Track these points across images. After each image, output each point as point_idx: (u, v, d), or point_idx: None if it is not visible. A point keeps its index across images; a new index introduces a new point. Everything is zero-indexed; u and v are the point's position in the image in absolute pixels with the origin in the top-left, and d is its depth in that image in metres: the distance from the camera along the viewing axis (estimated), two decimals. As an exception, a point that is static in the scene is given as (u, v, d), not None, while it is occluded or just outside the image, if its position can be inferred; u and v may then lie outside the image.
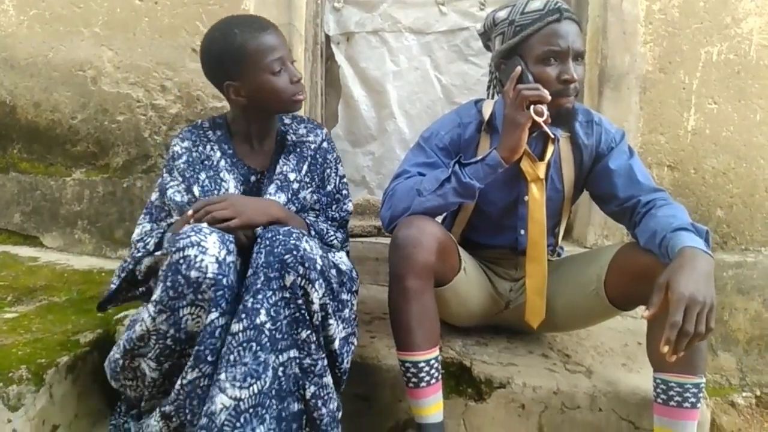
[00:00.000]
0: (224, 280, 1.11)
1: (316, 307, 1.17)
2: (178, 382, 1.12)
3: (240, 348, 1.11)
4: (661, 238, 1.21)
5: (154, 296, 1.12)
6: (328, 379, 1.21)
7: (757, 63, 2.00)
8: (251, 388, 1.10)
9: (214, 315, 1.11)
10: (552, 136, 1.36)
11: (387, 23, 2.31)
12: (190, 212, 1.21)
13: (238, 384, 1.09)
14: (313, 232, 1.38)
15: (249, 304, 1.13)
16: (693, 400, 1.20)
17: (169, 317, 1.11)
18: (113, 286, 1.33)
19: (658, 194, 1.37)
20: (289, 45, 2.06)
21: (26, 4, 2.24)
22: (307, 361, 1.18)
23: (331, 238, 1.45)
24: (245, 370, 1.10)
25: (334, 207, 1.51)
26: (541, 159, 1.43)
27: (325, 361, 1.22)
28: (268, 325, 1.13)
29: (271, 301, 1.14)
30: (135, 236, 1.37)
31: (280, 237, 1.17)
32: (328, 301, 1.20)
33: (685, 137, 2.04)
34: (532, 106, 1.26)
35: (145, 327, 1.14)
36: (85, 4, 2.19)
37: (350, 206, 1.55)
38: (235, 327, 1.12)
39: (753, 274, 2.05)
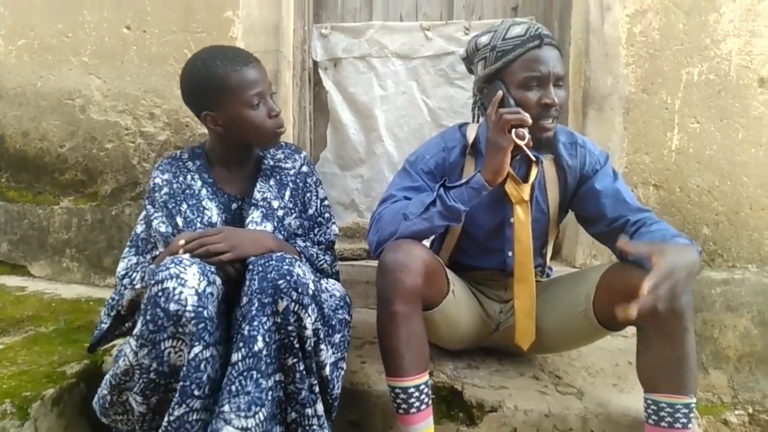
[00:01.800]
0: (204, 312, 1.10)
1: (309, 332, 1.17)
2: (165, 418, 1.11)
3: (241, 378, 1.10)
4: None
5: (136, 330, 1.11)
6: (313, 410, 1.19)
7: (737, 83, 2.04)
8: (257, 416, 1.10)
9: (197, 348, 1.09)
10: (533, 159, 1.37)
11: (374, 49, 2.34)
12: (181, 242, 1.20)
13: (243, 414, 1.08)
14: (303, 258, 1.38)
15: (246, 332, 1.12)
16: (684, 420, 1.20)
17: (151, 351, 1.10)
18: (104, 326, 1.32)
19: (646, 214, 1.39)
20: (277, 71, 2.09)
21: (15, 34, 2.26)
22: (291, 387, 1.17)
23: (321, 262, 1.46)
24: (249, 399, 1.10)
25: (317, 230, 1.51)
26: (526, 181, 1.45)
27: (316, 388, 1.21)
28: (264, 351, 1.12)
29: (265, 327, 1.13)
30: (120, 270, 1.36)
31: (273, 263, 1.17)
32: (320, 326, 1.20)
33: (669, 156, 2.06)
34: (513, 130, 1.28)
35: (128, 361, 1.13)
36: (73, 34, 2.21)
37: (335, 228, 1.55)
38: (235, 357, 1.11)
39: (741, 291, 2.06)
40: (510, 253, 1.49)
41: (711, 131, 2.05)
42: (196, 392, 1.10)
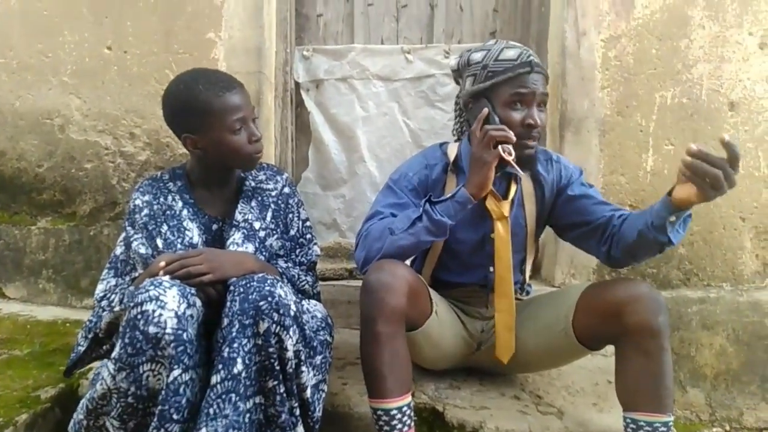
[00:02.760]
0: (184, 335, 1.09)
1: (290, 354, 1.16)
2: None
3: (219, 400, 1.09)
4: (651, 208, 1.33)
5: (114, 353, 1.10)
6: None
7: (708, 106, 2.10)
8: None
9: (176, 372, 1.08)
10: (521, 174, 1.41)
11: (355, 71, 2.37)
12: (161, 264, 1.19)
13: None
14: (285, 279, 1.38)
15: (225, 354, 1.11)
16: (662, 438, 1.21)
17: (129, 375, 1.09)
18: (81, 349, 1.30)
19: (626, 211, 1.45)
20: (259, 92, 2.11)
21: (-7, 54, 2.24)
22: (271, 410, 1.16)
23: (303, 282, 1.46)
24: (227, 423, 1.09)
25: (298, 251, 1.51)
26: (505, 197, 1.48)
27: (297, 411, 1.20)
28: (243, 374, 1.12)
29: (246, 349, 1.12)
30: (98, 292, 1.35)
31: (255, 284, 1.17)
32: (301, 348, 1.19)
33: (644, 178, 2.11)
34: (500, 146, 1.31)
35: (106, 385, 1.11)
36: (53, 54, 2.20)
37: (317, 249, 1.55)
38: (214, 379, 1.10)
39: (716, 309, 2.10)
40: (491, 269, 1.52)
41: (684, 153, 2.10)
42: (174, 416, 1.08)
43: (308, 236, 1.54)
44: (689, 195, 1.20)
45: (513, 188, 1.49)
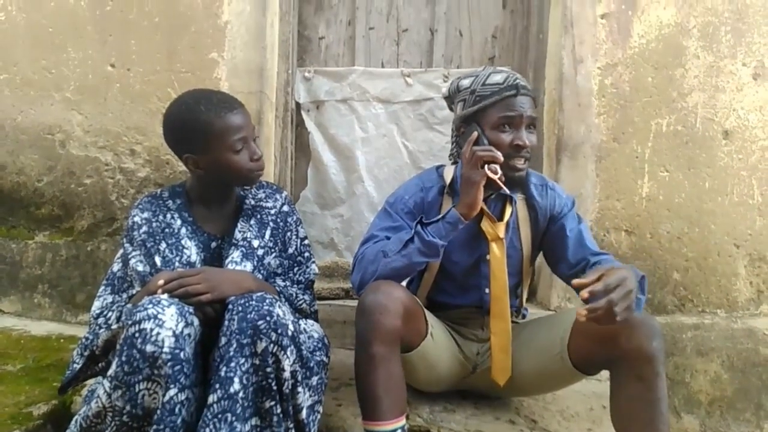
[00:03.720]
0: (181, 354, 1.09)
1: (287, 374, 1.16)
2: None
3: (215, 420, 1.09)
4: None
5: (110, 371, 1.10)
6: None
7: (703, 134, 2.13)
8: None
9: (172, 391, 1.08)
10: (507, 192, 1.43)
11: (356, 93, 2.40)
12: (160, 282, 1.20)
13: None
14: (283, 298, 1.38)
15: (222, 373, 1.11)
16: (656, 465, 1.21)
17: (125, 393, 1.09)
18: (76, 366, 1.29)
19: (604, 256, 1.47)
20: (260, 112, 2.13)
21: (-3, 69, 2.26)
22: (268, 431, 1.15)
23: (300, 302, 1.46)
24: None
25: (296, 270, 1.51)
26: (501, 219, 1.49)
27: (293, 432, 1.20)
28: (240, 394, 1.11)
29: (243, 369, 1.12)
30: (95, 309, 1.34)
31: (253, 303, 1.17)
32: (298, 368, 1.19)
33: (640, 203, 2.13)
34: (486, 165, 1.34)
35: (101, 404, 1.11)
36: (57, 70, 2.22)
37: (314, 268, 1.56)
38: (210, 398, 1.10)
39: (711, 335, 2.11)
40: (487, 290, 1.53)
41: (679, 180, 2.13)
42: None
43: (306, 255, 1.55)
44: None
45: (508, 211, 1.51)
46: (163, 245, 1.37)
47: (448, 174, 1.56)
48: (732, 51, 2.13)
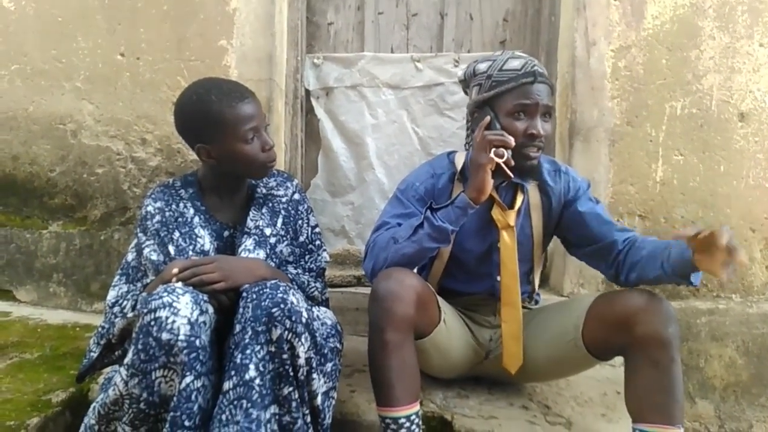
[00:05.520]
0: (197, 342, 1.10)
1: (302, 361, 1.16)
2: None
3: (231, 407, 1.10)
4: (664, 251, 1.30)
5: (126, 359, 1.11)
6: None
7: (718, 117, 2.10)
8: None
9: (189, 378, 1.09)
10: (517, 181, 1.42)
11: (365, 79, 2.38)
12: (174, 270, 1.20)
13: None
14: (295, 286, 1.38)
15: (238, 360, 1.12)
16: (671, 450, 1.21)
17: (142, 381, 1.10)
18: (93, 355, 1.30)
19: (630, 233, 1.45)
20: (270, 99, 2.12)
21: (8, 59, 2.27)
22: (287, 418, 1.16)
23: (312, 289, 1.47)
24: (238, 429, 1.09)
25: (307, 258, 1.52)
26: (511, 207, 1.48)
27: (308, 418, 1.20)
28: (257, 381, 1.12)
29: (259, 356, 1.13)
30: (110, 299, 1.35)
31: (267, 290, 1.17)
32: (312, 355, 1.20)
33: (654, 187, 2.11)
34: (493, 149, 1.32)
35: (118, 391, 1.12)
36: (67, 60, 2.23)
37: (326, 256, 1.56)
38: (226, 385, 1.11)
39: (725, 320, 2.09)
40: (498, 278, 1.52)
41: (694, 163, 2.10)
42: (186, 423, 1.09)
43: (317, 242, 1.55)
44: (712, 270, 1.16)
45: (519, 198, 1.50)
46: (177, 234, 1.37)
47: (459, 160, 1.54)
48: (749, 31, 2.09)
